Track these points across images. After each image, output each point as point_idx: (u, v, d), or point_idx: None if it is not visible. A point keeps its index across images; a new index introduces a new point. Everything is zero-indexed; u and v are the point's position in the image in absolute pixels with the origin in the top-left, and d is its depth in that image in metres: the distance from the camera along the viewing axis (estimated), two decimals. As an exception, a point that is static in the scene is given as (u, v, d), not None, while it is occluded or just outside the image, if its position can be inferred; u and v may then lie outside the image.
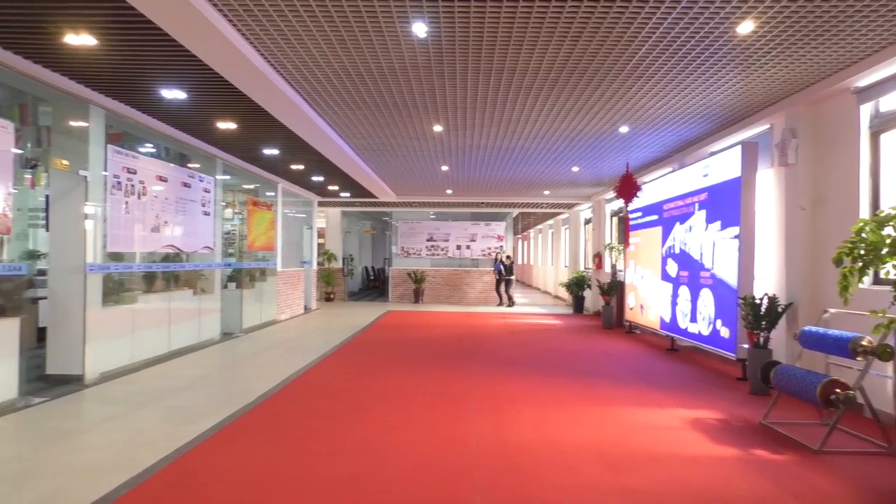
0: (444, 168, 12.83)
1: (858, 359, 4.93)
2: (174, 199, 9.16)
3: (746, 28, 5.17)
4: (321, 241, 21.30)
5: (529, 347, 10.53)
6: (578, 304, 17.33)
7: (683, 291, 9.60)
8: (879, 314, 4.28)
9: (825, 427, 5.16)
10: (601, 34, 5.36)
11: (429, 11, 4.94)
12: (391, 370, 8.20)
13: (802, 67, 6.16)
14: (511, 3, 4.78)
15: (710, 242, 8.64)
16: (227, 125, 8.67)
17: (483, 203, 19.40)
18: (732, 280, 7.93)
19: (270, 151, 10.72)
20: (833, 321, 5.81)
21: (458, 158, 11.64)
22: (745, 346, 7.34)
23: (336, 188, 16.04)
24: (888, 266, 4.19)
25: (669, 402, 6.48)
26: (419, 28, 5.26)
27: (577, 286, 17.16)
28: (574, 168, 12.43)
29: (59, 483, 4.01)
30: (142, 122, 8.19)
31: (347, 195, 17.70)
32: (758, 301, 7.03)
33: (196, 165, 10.39)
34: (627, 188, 10.85)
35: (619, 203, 12.79)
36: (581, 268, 19.02)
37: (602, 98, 7.33)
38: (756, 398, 6.72)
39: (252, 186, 13.64)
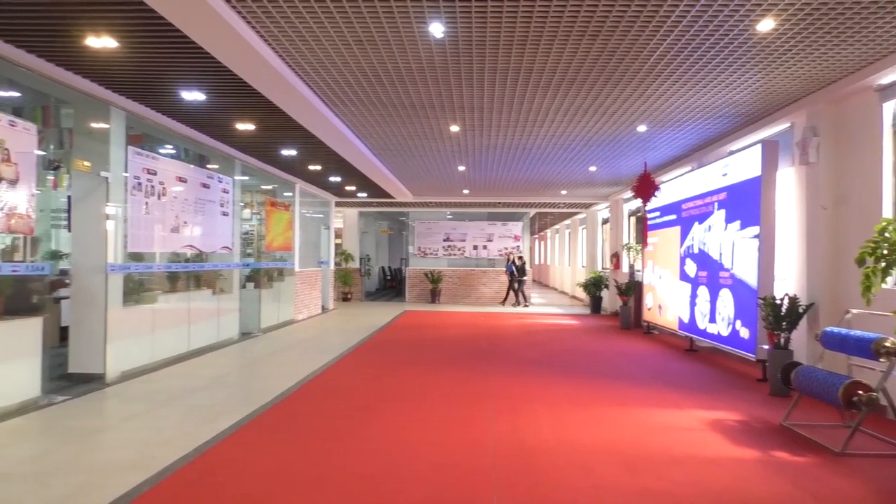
0: (461, 168, 12.83)
1: (881, 360, 4.86)
2: (193, 200, 9.24)
3: (766, 26, 5.11)
4: (338, 242, 21.38)
5: (546, 348, 10.50)
6: (596, 305, 17.25)
7: (702, 292, 9.52)
8: (903, 315, 4.21)
9: (847, 429, 5.09)
10: (619, 33, 5.33)
11: (445, 11, 4.94)
12: (408, 370, 8.22)
13: (824, 65, 6.08)
14: (528, 3, 4.76)
15: (730, 242, 8.56)
16: (246, 126, 8.74)
17: (500, 203, 19.37)
18: (752, 280, 7.85)
19: (288, 152, 10.79)
20: (855, 322, 5.73)
21: (475, 158, 11.63)
22: (766, 347, 7.27)
23: (353, 188, 16.10)
24: (912, 266, 4.14)
25: (688, 403, 6.43)
26: (436, 28, 5.26)
27: (595, 286, 17.07)
28: (591, 167, 12.37)
29: (82, 480, 4.06)
30: (161, 124, 8.28)
31: (364, 195, 17.76)
32: (778, 301, 6.95)
33: (215, 166, 10.48)
34: (645, 187, 10.80)
35: (637, 203, 12.70)
36: (598, 268, 18.93)
37: (620, 97, 7.29)
38: (776, 399, 6.65)
39: (270, 187, 13.72)
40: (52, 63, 6.05)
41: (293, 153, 10.86)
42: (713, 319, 9.08)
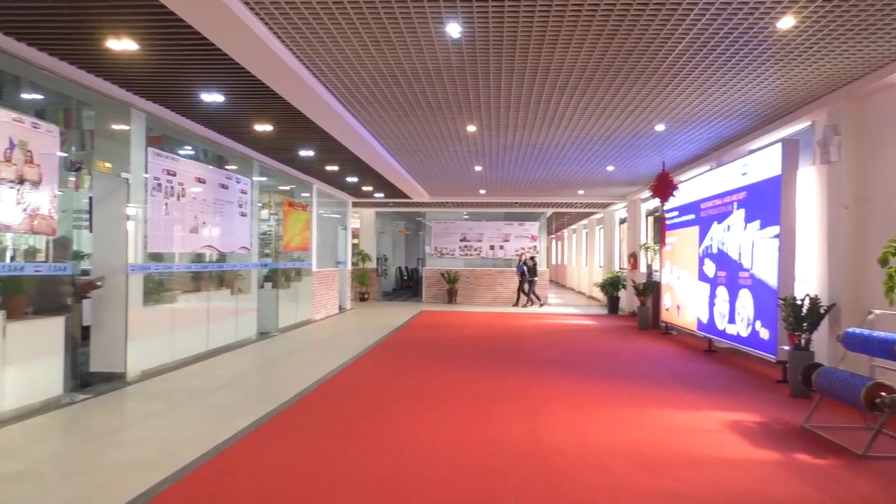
0: (478, 168, 12.82)
1: (905, 362, 4.79)
2: (212, 201, 9.32)
3: (787, 23, 5.06)
4: (355, 242, 21.47)
5: (564, 348, 10.46)
6: (613, 305, 17.16)
7: (721, 292, 9.43)
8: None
9: (869, 431, 5.02)
10: (637, 32, 5.30)
11: (463, 12, 4.94)
12: (425, 370, 8.23)
13: (846, 62, 6.00)
14: (545, 2, 4.75)
15: (749, 242, 8.47)
16: (264, 127, 8.80)
17: (516, 203, 19.34)
18: (772, 280, 7.77)
19: (306, 153, 10.85)
20: (878, 322, 5.65)
21: (492, 158, 11.62)
22: (786, 348, 7.19)
23: (370, 189, 16.15)
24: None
25: (707, 405, 6.37)
26: (453, 28, 5.26)
27: (612, 286, 16.99)
28: (609, 167, 12.31)
29: (104, 478, 4.11)
30: (181, 125, 8.37)
31: (381, 196, 17.81)
32: (799, 302, 6.87)
33: (233, 167, 10.57)
34: (663, 187, 10.73)
35: (655, 202, 12.62)
36: (616, 268, 18.83)
37: (638, 96, 7.25)
38: (797, 401, 6.57)
39: (288, 187, 13.80)
40: (74, 66, 6.14)
41: (311, 154, 10.92)
42: (732, 320, 8.99)
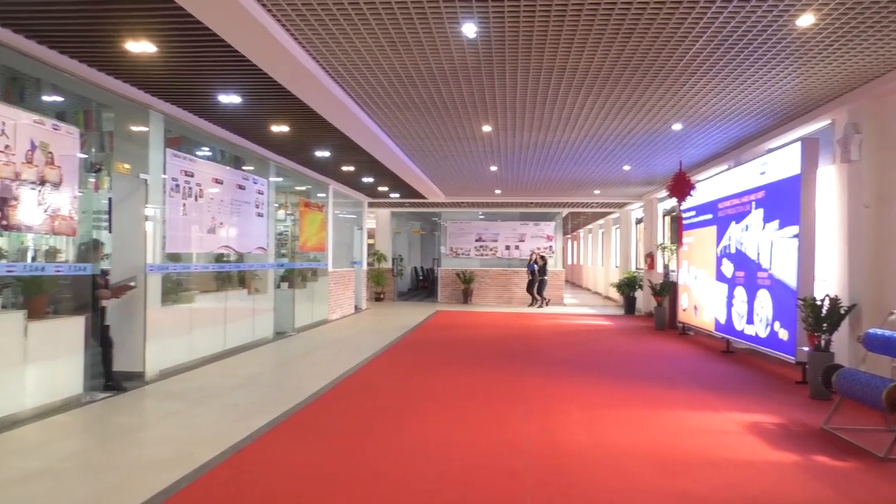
0: (493, 168, 12.81)
1: (927, 363, 4.72)
2: (229, 201, 9.39)
3: (807, 21, 5.00)
4: (371, 242, 21.51)
5: (579, 348, 10.42)
6: (629, 305, 17.06)
7: (739, 292, 9.35)
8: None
9: (891, 433, 4.94)
10: (654, 30, 5.26)
11: (478, 11, 4.94)
12: (441, 370, 8.23)
13: (867, 60, 5.92)
14: (561, 2, 4.73)
15: (768, 242, 8.39)
16: (281, 128, 8.85)
17: (532, 203, 19.29)
18: (791, 281, 7.68)
19: (322, 153, 10.90)
20: (900, 324, 5.58)
21: (507, 158, 11.60)
22: (805, 349, 7.11)
23: (386, 189, 16.19)
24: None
25: (725, 406, 6.32)
26: (469, 28, 5.26)
27: (629, 287, 16.88)
28: (625, 167, 12.24)
29: (122, 477, 4.15)
30: (198, 127, 8.44)
31: (397, 196, 17.84)
32: (819, 302, 6.79)
33: (250, 168, 10.63)
34: (681, 187, 10.64)
35: (672, 202, 12.53)
36: (632, 268, 18.72)
37: (655, 95, 7.20)
38: (816, 402, 6.49)
39: (304, 188, 13.86)
40: (94, 68, 6.21)
41: (327, 154, 10.97)
42: (751, 320, 8.91)
